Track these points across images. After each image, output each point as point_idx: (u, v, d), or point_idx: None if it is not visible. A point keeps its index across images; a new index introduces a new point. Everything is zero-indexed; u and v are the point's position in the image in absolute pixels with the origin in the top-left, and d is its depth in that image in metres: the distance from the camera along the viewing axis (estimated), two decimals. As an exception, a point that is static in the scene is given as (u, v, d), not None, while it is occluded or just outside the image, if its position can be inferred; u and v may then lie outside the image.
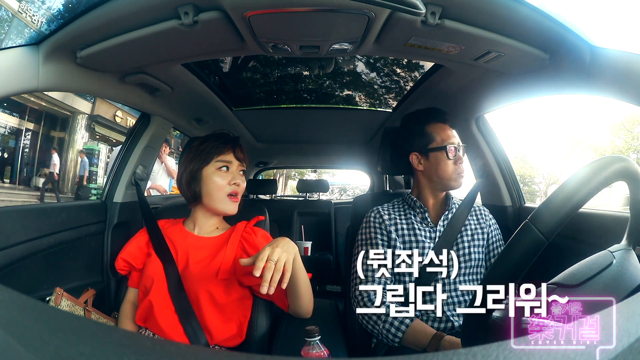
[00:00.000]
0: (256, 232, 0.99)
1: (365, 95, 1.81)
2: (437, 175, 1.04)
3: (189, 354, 0.26)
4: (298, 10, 0.78)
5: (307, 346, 0.72)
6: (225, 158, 0.98)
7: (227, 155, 0.99)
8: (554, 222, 0.48)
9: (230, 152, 0.99)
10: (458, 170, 1.04)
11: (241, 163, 1.01)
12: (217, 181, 0.96)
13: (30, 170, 9.37)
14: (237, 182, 0.97)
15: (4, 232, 0.90)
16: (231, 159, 0.99)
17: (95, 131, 10.28)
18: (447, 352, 0.23)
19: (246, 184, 1.03)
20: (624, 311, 0.28)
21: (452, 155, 1.03)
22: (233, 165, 0.99)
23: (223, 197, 0.96)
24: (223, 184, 0.96)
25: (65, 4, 7.67)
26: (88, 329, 0.28)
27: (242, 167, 1.01)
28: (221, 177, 0.96)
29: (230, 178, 0.97)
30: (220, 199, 0.96)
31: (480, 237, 1.05)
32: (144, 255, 1.00)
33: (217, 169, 0.97)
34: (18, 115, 8.83)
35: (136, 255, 1.00)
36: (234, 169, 0.99)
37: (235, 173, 0.98)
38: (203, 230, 1.01)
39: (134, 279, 1.01)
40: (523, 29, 0.82)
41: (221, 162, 0.97)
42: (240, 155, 1.01)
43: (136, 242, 1.02)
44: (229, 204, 0.97)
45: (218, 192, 0.96)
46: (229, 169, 0.98)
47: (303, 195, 2.95)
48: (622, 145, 14.33)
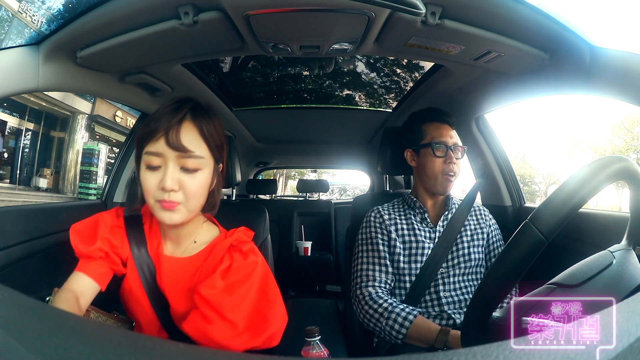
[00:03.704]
0: (234, 258, 0.72)
1: (365, 95, 1.81)
2: (425, 172, 1.04)
3: (189, 354, 0.26)
4: (298, 10, 0.78)
5: (307, 346, 0.72)
6: (153, 148, 0.67)
7: (156, 143, 0.66)
8: (554, 222, 0.48)
9: (162, 139, 0.66)
10: (446, 170, 1.01)
11: (182, 153, 0.66)
12: (145, 183, 0.68)
13: (30, 170, 9.37)
14: (166, 186, 0.65)
15: (4, 232, 0.90)
16: (161, 149, 0.66)
17: (95, 131, 10.28)
18: (447, 352, 0.23)
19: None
20: (624, 311, 0.28)
21: (440, 153, 1.02)
22: (165, 158, 0.66)
23: (153, 203, 0.68)
24: (149, 187, 0.67)
25: (65, 4, 7.67)
26: (88, 329, 0.28)
27: (186, 159, 0.67)
28: (149, 178, 0.67)
29: (159, 179, 0.66)
30: (152, 206, 0.69)
31: (480, 237, 1.06)
32: (122, 254, 0.76)
33: (145, 166, 0.68)
34: (18, 115, 8.83)
35: (116, 249, 0.75)
36: (169, 164, 0.66)
37: (169, 169, 0.66)
38: (178, 247, 0.77)
39: (96, 269, 0.73)
40: (523, 29, 0.82)
41: (148, 156, 0.67)
42: (177, 143, 0.65)
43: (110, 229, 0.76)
44: (161, 213, 0.68)
45: (148, 197, 0.69)
46: (160, 165, 0.67)
47: (303, 195, 2.95)
48: (622, 145, 14.33)
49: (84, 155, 9.61)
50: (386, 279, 1.00)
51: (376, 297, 0.96)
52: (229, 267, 0.70)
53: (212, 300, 0.65)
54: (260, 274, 0.70)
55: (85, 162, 9.56)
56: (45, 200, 8.29)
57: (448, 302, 0.97)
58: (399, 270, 1.01)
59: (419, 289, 0.98)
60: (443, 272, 0.99)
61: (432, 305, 0.98)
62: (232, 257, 0.71)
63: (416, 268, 1.00)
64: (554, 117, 22.03)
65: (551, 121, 24.05)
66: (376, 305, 0.94)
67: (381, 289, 0.99)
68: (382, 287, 0.99)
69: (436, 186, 1.03)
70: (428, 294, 0.98)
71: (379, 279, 1.00)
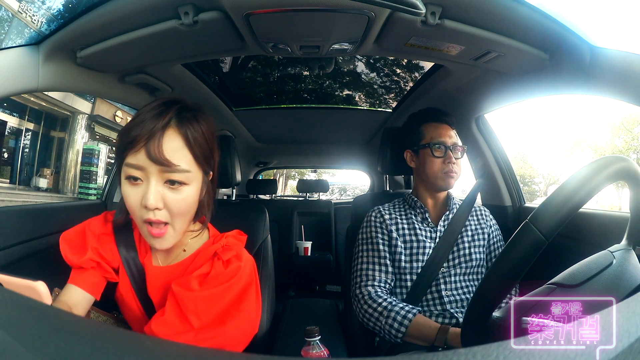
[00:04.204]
0: (214, 266, 0.67)
1: (365, 95, 1.81)
2: (425, 173, 1.04)
3: (189, 354, 0.25)
4: (298, 10, 0.78)
5: (307, 346, 0.72)
6: (133, 160, 0.59)
7: (137, 155, 0.59)
8: (554, 222, 0.48)
9: (142, 150, 0.58)
10: (445, 169, 1.02)
11: (165, 167, 0.58)
12: (127, 199, 0.61)
13: (30, 170, 9.37)
14: (148, 204, 0.58)
15: (4, 232, 0.90)
16: (142, 162, 0.58)
17: (95, 131, 10.28)
18: (447, 352, 0.23)
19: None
20: (624, 311, 0.28)
21: (438, 153, 1.02)
22: (146, 172, 0.59)
23: (140, 225, 0.62)
24: (132, 203, 0.61)
25: (65, 4, 7.67)
26: (88, 329, 0.28)
27: (170, 173, 0.59)
28: (130, 193, 0.61)
29: (141, 195, 0.60)
30: (140, 226, 0.63)
31: (480, 238, 1.06)
32: (113, 263, 0.72)
33: (125, 177, 0.61)
34: (18, 115, 8.83)
35: (106, 259, 0.71)
36: (151, 179, 0.59)
37: (151, 185, 0.59)
38: (168, 256, 0.74)
39: (88, 279, 0.69)
40: (523, 29, 0.82)
41: (128, 167, 0.60)
42: (159, 156, 0.57)
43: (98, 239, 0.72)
44: (149, 239, 0.63)
45: (133, 215, 0.63)
46: (142, 179, 0.60)
47: (303, 195, 2.95)
48: (622, 145, 14.33)
49: (84, 155, 9.61)
50: (386, 278, 1.00)
51: (375, 296, 0.96)
52: (207, 273, 0.66)
53: (180, 298, 0.62)
54: (241, 282, 0.66)
55: (85, 162, 9.57)
56: (45, 200, 8.29)
57: (450, 300, 0.97)
58: (400, 270, 1.01)
59: (420, 288, 0.98)
60: (444, 271, 0.99)
61: (434, 303, 0.98)
62: (212, 265, 0.67)
63: (417, 267, 1.00)
64: (554, 117, 22.04)
65: (551, 121, 24.06)
66: (375, 304, 0.94)
67: (381, 288, 0.99)
68: (381, 287, 0.99)
69: (437, 182, 1.03)
70: (430, 293, 0.98)
71: (378, 278, 1.00)
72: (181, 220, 0.64)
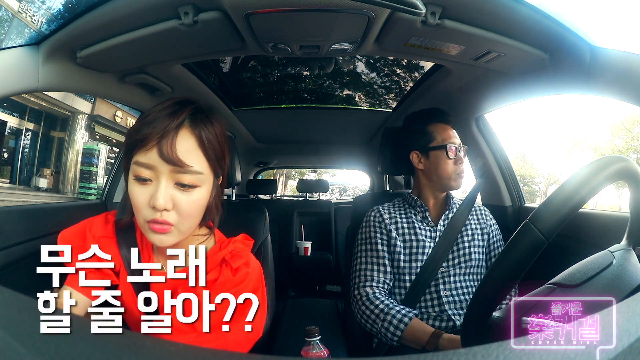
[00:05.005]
0: (222, 273, 0.66)
1: (365, 95, 1.81)
2: (437, 174, 1.04)
3: (189, 354, 0.26)
4: (298, 9, 0.78)
5: (307, 346, 0.72)
6: (143, 159, 0.58)
7: (148, 153, 0.57)
8: (554, 222, 0.48)
9: (154, 149, 0.57)
10: (458, 171, 1.04)
11: (178, 167, 0.57)
12: (133, 198, 0.60)
13: (30, 170, 9.37)
14: (157, 205, 0.57)
15: (4, 232, 0.90)
16: (153, 161, 0.57)
17: (95, 131, 10.29)
18: (447, 352, 0.23)
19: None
20: (624, 311, 0.28)
21: (452, 154, 1.03)
22: (157, 172, 0.58)
23: (142, 223, 0.60)
24: (139, 203, 0.59)
25: (65, 4, 7.67)
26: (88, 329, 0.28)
27: (182, 175, 0.58)
28: (138, 192, 0.59)
29: (150, 194, 0.58)
30: (141, 225, 0.61)
31: (480, 237, 1.06)
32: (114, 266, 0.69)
33: (133, 177, 0.59)
34: (18, 115, 8.83)
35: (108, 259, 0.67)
36: (161, 179, 0.58)
37: (161, 185, 0.57)
38: None
39: (86, 281, 0.67)
40: (523, 29, 0.82)
41: (137, 166, 0.58)
42: (172, 156, 0.56)
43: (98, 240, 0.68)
44: (151, 235, 0.60)
45: (137, 215, 0.61)
46: (151, 179, 0.58)
47: (303, 195, 2.95)
48: (622, 145, 14.32)
49: (84, 155, 9.61)
50: (385, 278, 1.00)
51: (373, 297, 0.96)
52: (215, 280, 0.64)
53: None
54: (247, 288, 0.65)
55: (85, 162, 9.57)
56: (45, 200, 8.30)
57: (449, 301, 0.97)
58: (399, 269, 1.01)
59: (419, 288, 0.98)
60: (443, 271, 0.99)
61: (432, 305, 0.98)
62: (220, 271, 0.65)
63: (416, 267, 1.00)
64: (554, 117, 22.04)
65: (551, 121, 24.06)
66: (372, 306, 0.94)
67: (379, 289, 0.99)
68: (380, 287, 0.99)
69: (450, 183, 1.04)
70: (428, 293, 0.98)
71: (377, 278, 1.00)
72: (188, 223, 0.62)
